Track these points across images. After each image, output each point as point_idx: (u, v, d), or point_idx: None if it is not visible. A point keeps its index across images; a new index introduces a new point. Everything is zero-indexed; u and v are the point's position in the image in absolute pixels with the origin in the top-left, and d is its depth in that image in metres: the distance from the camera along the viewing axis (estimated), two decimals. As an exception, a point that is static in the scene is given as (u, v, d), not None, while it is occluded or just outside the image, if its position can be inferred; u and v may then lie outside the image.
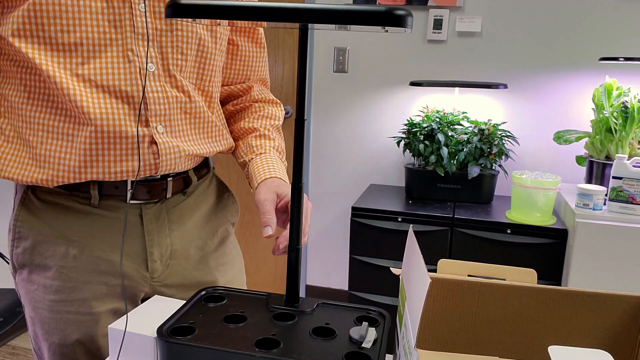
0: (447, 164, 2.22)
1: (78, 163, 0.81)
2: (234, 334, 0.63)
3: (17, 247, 0.88)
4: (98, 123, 0.79)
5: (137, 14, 0.80)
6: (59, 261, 0.86)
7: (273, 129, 1.03)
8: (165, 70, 0.84)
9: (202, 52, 0.89)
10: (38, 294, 0.87)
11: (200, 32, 0.88)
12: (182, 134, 0.88)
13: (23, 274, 0.89)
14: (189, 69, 0.88)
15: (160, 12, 0.82)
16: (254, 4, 0.57)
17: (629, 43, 2.28)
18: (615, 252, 1.89)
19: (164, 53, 0.84)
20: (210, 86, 0.93)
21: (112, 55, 0.80)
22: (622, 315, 0.67)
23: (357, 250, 2.25)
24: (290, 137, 2.51)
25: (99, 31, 0.78)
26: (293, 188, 0.69)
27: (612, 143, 2.06)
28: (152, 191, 0.88)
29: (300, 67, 0.65)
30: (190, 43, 0.86)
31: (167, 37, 0.83)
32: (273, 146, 0.99)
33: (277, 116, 1.05)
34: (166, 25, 0.83)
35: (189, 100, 0.88)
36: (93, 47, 0.78)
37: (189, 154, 0.89)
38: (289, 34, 2.69)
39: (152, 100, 0.83)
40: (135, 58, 0.81)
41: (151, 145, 0.84)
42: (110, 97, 0.80)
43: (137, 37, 0.81)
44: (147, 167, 0.84)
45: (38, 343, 0.91)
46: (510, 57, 2.43)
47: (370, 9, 0.55)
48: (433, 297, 0.71)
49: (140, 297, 0.92)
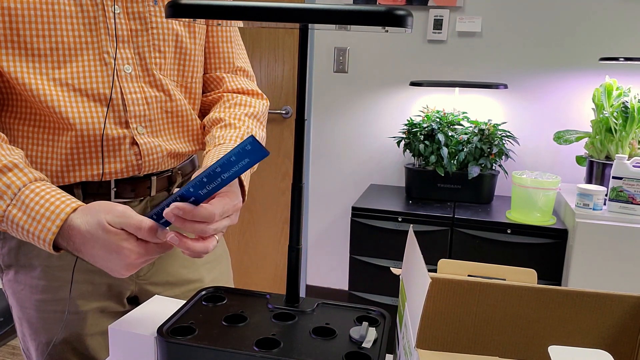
0: (447, 164, 2.22)
1: (60, 167, 0.81)
2: (234, 334, 0.63)
3: (3, 247, 0.88)
4: (78, 127, 0.79)
5: (111, 16, 0.80)
6: (44, 261, 0.86)
7: (247, 117, 0.94)
8: (144, 70, 0.84)
9: (181, 48, 0.88)
10: (25, 294, 0.87)
11: (177, 29, 0.87)
12: (163, 134, 0.88)
13: (9, 274, 0.89)
14: (169, 66, 0.87)
15: (134, 13, 0.82)
16: (254, 4, 0.57)
17: (629, 43, 2.28)
18: (615, 252, 1.89)
19: (141, 53, 0.84)
20: (193, 82, 0.92)
21: (89, 59, 0.80)
22: (622, 315, 0.67)
23: (357, 250, 2.25)
24: (290, 137, 2.51)
25: (74, 35, 0.78)
26: (293, 188, 0.69)
27: (612, 143, 2.06)
28: (137, 189, 0.88)
29: (300, 67, 0.65)
30: (168, 40, 0.86)
31: (142, 36, 0.83)
32: (236, 135, 0.89)
33: (251, 104, 0.97)
34: (141, 25, 0.83)
35: (169, 99, 0.88)
36: (69, 51, 0.78)
37: (171, 152, 0.89)
38: (289, 34, 2.68)
39: (130, 101, 0.83)
40: (111, 60, 0.81)
41: (132, 146, 0.84)
42: (88, 101, 0.80)
43: (112, 39, 0.81)
44: (130, 167, 0.85)
45: (26, 343, 0.91)
46: (510, 57, 2.43)
47: (371, 9, 0.55)
48: (433, 297, 0.71)
49: (126, 296, 0.92)
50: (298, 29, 0.64)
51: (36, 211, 0.69)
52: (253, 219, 2.87)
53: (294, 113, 2.73)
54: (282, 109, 2.75)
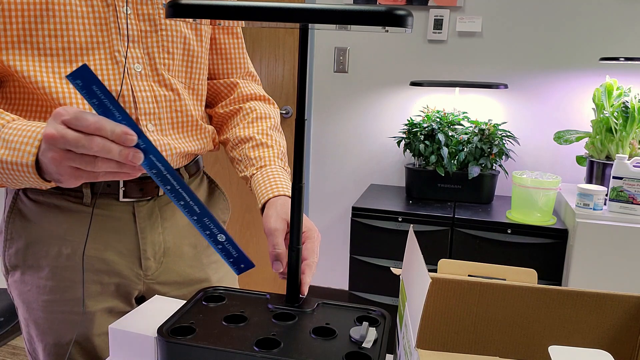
0: (448, 164, 2.22)
1: None
2: (234, 334, 0.63)
3: (10, 248, 0.88)
4: None
5: (122, 16, 0.82)
6: (52, 261, 0.86)
7: (271, 130, 0.97)
8: (152, 70, 0.86)
9: (189, 50, 0.90)
10: (32, 295, 0.87)
11: (185, 32, 0.89)
12: (172, 132, 0.89)
13: (16, 275, 0.89)
14: (177, 67, 0.89)
15: (144, 14, 0.84)
16: (254, 4, 0.57)
17: (629, 43, 2.28)
18: (616, 252, 1.89)
19: (150, 53, 0.85)
20: (199, 84, 0.94)
21: (100, 58, 0.81)
22: (622, 315, 0.67)
23: (358, 250, 2.25)
24: (290, 137, 2.51)
25: (85, 35, 0.79)
26: (293, 188, 0.69)
27: (612, 143, 2.06)
28: (145, 189, 0.89)
29: (300, 67, 0.65)
30: (176, 42, 0.88)
31: (152, 37, 0.85)
32: (274, 155, 0.93)
33: (270, 115, 0.99)
34: (151, 26, 0.85)
35: (178, 99, 0.89)
36: (80, 51, 0.80)
37: (180, 151, 0.89)
38: (289, 34, 2.68)
39: (140, 99, 0.84)
40: (122, 59, 0.82)
41: None
42: None
43: (123, 39, 0.83)
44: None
45: (33, 344, 0.91)
46: (510, 57, 2.43)
47: (371, 9, 0.55)
48: (433, 297, 0.71)
49: (134, 295, 0.92)
50: (298, 29, 0.64)
51: (15, 141, 0.67)
52: (253, 219, 2.87)
53: (294, 113, 2.73)
54: (282, 109, 2.75)
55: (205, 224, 0.66)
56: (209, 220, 0.66)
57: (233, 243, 0.67)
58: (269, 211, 0.82)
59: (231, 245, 0.67)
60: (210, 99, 1.04)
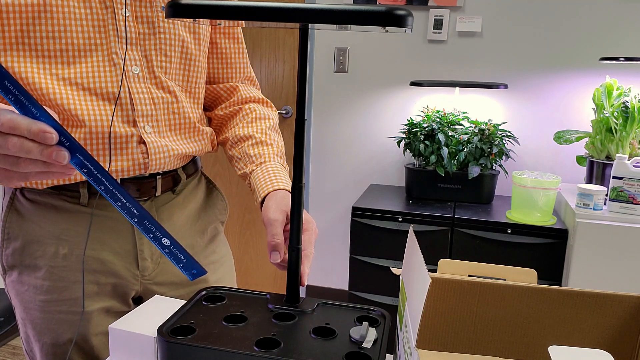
0: (448, 164, 2.22)
1: None
2: (234, 334, 0.63)
3: (7, 248, 0.88)
4: (87, 124, 0.80)
5: (120, 18, 0.82)
6: (49, 261, 0.86)
7: (270, 131, 0.98)
8: (150, 72, 0.86)
9: (186, 54, 0.90)
10: (29, 295, 0.87)
11: (183, 35, 0.89)
12: (169, 134, 0.89)
13: (13, 275, 0.89)
14: (174, 70, 0.89)
15: (142, 17, 0.84)
16: (254, 4, 0.57)
17: (629, 43, 2.28)
18: (616, 252, 1.89)
19: (147, 56, 0.85)
20: (197, 87, 0.94)
21: (97, 59, 0.81)
22: (622, 315, 0.67)
23: (358, 250, 2.25)
24: (290, 137, 2.51)
25: (84, 37, 0.79)
26: (293, 188, 0.69)
27: (612, 143, 2.06)
28: (142, 189, 0.89)
29: (300, 67, 0.65)
30: (174, 45, 0.88)
31: (150, 40, 0.85)
32: (273, 152, 0.94)
33: (269, 116, 1.00)
34: (149, 28, 0.85)
35: (175, 101, 0.89)
36: (78, 52, 0.80)
37: (177, 153, 0.90)
38: (289, 34, 2.68)
39: (138, 101, 0.84)
40: (119, 61, 0.82)
41: (140, 144, 0.85)
42: (97, 99, 0.81)
43: (121, 41, 0.82)
44: (137, 166, 0.85)
45: (30, 344, 0.91)
46: (510, 57, 2.43)
47: (371, 9, 0.54)
48: (433, 297, 0.71)
49: (131, 296, 0.92)
50: (298, 29, 0.64)
51: None
52: (253, 219, 2.87)
53: (294, 113, 2.73)
54: (282, 108, 2.75)
55: (147, 226, 0.63)
56: (149, 223, 0.63)
57: (180, 247, 0.65)
58: (268, 202, 0.82)
59: (178, 250, 0.65)
60: (210, 103, 1.04)
